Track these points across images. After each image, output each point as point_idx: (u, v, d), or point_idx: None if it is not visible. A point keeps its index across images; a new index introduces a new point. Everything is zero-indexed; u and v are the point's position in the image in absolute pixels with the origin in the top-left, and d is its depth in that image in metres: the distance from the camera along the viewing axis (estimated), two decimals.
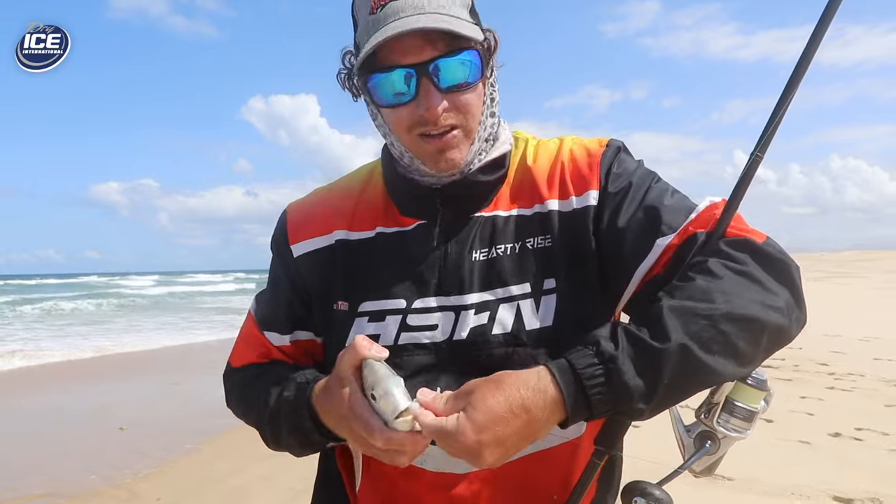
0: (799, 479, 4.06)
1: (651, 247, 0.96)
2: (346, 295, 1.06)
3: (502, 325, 0.98)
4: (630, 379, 0.81)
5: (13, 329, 16.42)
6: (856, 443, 4.90)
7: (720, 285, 0.86)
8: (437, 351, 1.00)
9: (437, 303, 1.01)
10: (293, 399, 0.98)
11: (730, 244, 0.92)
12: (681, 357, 0.82)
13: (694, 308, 0.84)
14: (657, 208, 0.98)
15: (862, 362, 8.15)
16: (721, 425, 0.95)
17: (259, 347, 1.12)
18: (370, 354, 0.87)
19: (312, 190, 1.20)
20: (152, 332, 15.22)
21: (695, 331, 0.82)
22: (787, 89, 0.97)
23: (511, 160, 1.09)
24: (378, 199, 1.11)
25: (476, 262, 1.02)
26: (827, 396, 6.36)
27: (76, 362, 10.49)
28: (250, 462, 4.70)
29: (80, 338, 13.84)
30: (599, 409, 0.82)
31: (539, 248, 1.02)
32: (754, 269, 0.89)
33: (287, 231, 1.13)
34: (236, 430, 5.47)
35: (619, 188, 1.01)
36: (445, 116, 0.96)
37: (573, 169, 1.05)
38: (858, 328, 11.14)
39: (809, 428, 5.24)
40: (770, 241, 0.94)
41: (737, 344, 0.84)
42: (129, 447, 5.38)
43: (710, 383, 0.88)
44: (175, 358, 11.14)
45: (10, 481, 4.56)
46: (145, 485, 4.46)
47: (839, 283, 26.21)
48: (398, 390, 0.83)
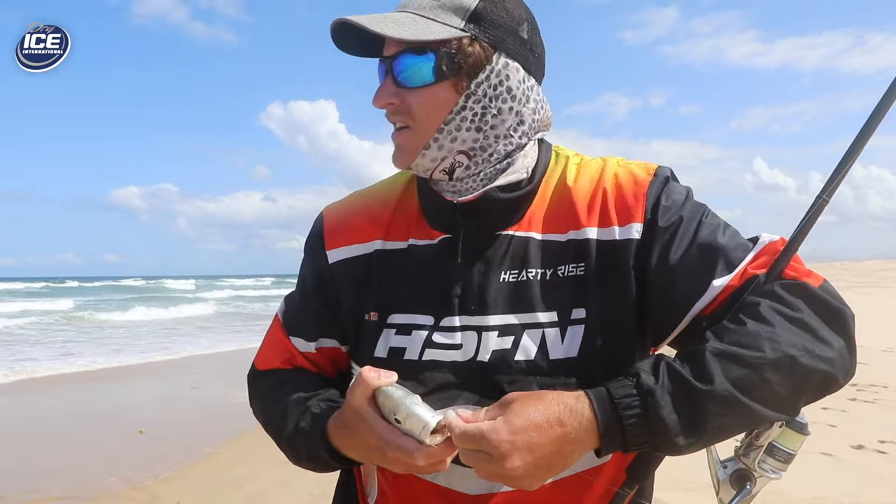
0: (822, 492, 4.01)
1: (707, 287, 0.93)
2: (377, 306, 1.04)
3: (525, 352, 0.96)
4: (667, 414, 0.80)
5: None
6: (880, 455, 4.82)
7: (770, 332, 0.84)
8: (459, 371, 0.97)
9: (460, 322, 0.98)
10: (308, 430, 0.98)
11: (785, 287, 0.89)
12: (721, 400, 0.81)
13: (740, 355, 0.82)
14: (713, 246, 0.94)
15: (885, 373, 8.01)
16: (760, 466, 0.95)
17: (284, 353, 1.11)
18: (381, 383, 0.87)
19: (350, 193, 1.18)
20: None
21: (737, 377, 0.81)
22: (860, 135, 0.96)
23: (548, 177, 1.05)
24: (413, 210, 1.08)
25: (504, 282, 0.99)
26: (850, 408, 6.26)
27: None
28: (267, 467, 4.72)
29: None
30: (634, 441, 0.82)
31: (570, 277, 0.98)
32: (808, 316, 0.86)
33: (324, 235, 1.10)
34: (253, 435, 5.50)
35: (669, 222, 0.96)
36: (395, 113, 0.98)
37: (617, 196, 1.00)
38: (882, 339, 10.95)
39: (832, 440, 5.16)
40: (826, 285, 0.91)
41: (780, 392, 0.83)
42: (149, 450, 5.43)
43: (749, 427, 0.88)
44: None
45: (30, 483, 4.62)
46: (165, 488, 4.50)
47: (862, 292, 25.81)
48: (421, 409, 0.83)
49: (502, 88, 0.97)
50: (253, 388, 1.16)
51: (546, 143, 1.08)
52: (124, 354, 11.55)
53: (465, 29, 0.95)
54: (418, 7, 0.96)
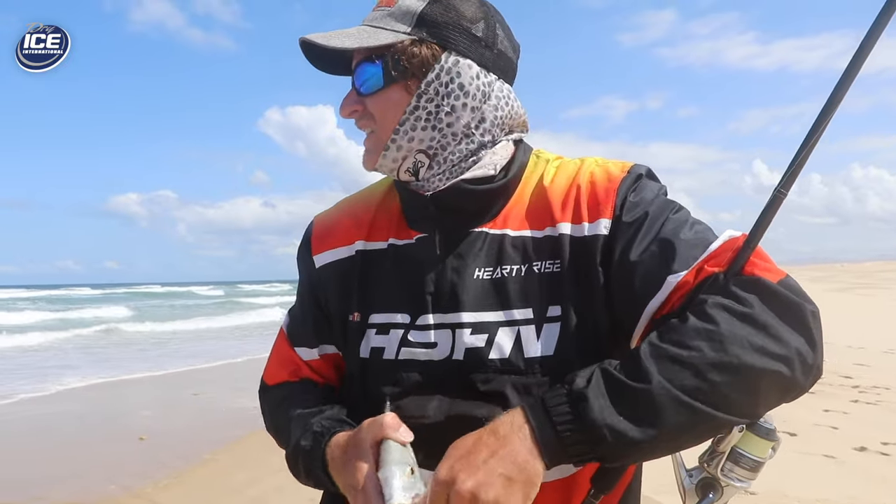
0: (825, 494, 3.99)
1: (662, 283, 0.90)
2: (359, 306, 1.05)
3: (500, 350, 0.95)
4: (598, 415, 0.77)
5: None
6: (882, 458, 4.80)
7: (712, 330, 0.80)
8: (433, 370, 0.97)
9: (434, 320, 0.98)
10: (310, 450, 0.97)
11: (739, 283, 0.86)
12: (661, 401, 0.78)
13: (676, 355, 0.80)
14: (672, 242, 0.92)
15: (887, 375, 8.00)
16: (725, 474, 0.90)
17: (290, 365, 1.13)
18: (393, 436, 0.86)
19: (340, 200, 1.20)
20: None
21: (678, 378, 0.78)
22: (813, 129, 0.91)
23: (526, 178, 1.05)
24: (393, 210, 1.09)
25: (478, 279, 0.99)
26: (851, 410, 6.24)
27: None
28: (267, 472, 4.71)
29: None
30: (573, 448, 0.79)
31: (546, 273, 0.97)
32: (760, 313, 0.82)
33: (311, 242, 1.14)
34: (252, 441, 5.50)
35: (633, 218, 0.95)
36: (360, 119, 1.03)
37: (590, 193, 0.99)
38: (883, 340, 10.94)
39: (834, 442, 5.15)
40: (787, 280, 0.87)
41: (728, 394, 0.79)
42: (148, 457, 5.42)
43: (703, 431, 0.82)
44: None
45: (31, 490, 4.60)
46: (165, 495, 4.48)
47: (862, 294, 25.79)
48: (398, 482, 0.81)
49: (454, 86, 0.98)
50: (264, 404, 1.16)
51: (525, 145, 1.08)
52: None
53: (411, 33, 0.98)
54: (371, 19, 1.01)
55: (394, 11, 0.99)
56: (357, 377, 1.04)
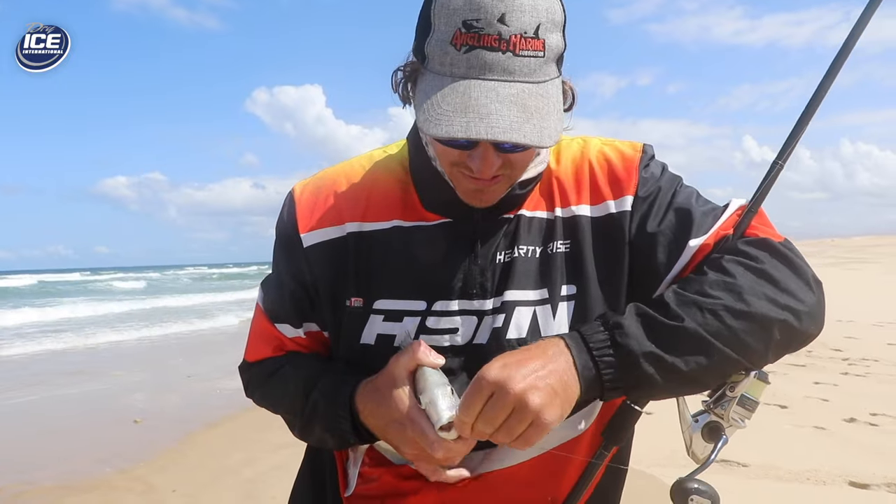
0: (815, 465, 4.04)
1: (684, 248, 0.96)
2: (359, 291, 1.00)
3: (518, 330, 0.96)
4: (634, 341, 0.84)
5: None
6: (871, 428, 4.87)
7: (731, 281, 0.87)
8: (455, 354, 0.97)
9: (458, 306, 0.98)
10: (331, 402, 0.96)
11: (748, 243, 0.94)
12: (691, 337, 0.84)
13: (701, 302, 0.86)
14: (689, 210, 0.98)
15: (876, 347, 8.10)
16: (731, 416, 0.97)
17: (273, 341, 1.09)
18: (427, 361, 0.89)
19: (322, 170, 1.12)
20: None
21: (703, 321, 0.85)
22: (811, 103, 1.00)
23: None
24: (395, 189, 1.03)
25: (499, 263, 0.99)
26: (841, 382, 6.32)
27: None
28: (263, 452, 4.72)
29: None
30: (608, 374, 0.84)
31: (560, 253, 0.99)
32: (770, 267, 0.89)
33: (297, 218, 1.05)
34: (247, 421, 5.51)
35: (647, 193, 1.00)
36: (496, 170, 0.90)
37: (608, 172, 1.02)
38: (872, 313, 11.05)
39: (824, 413, 5.21)
40: (788, 242, 0.95)
41: (744, 339, 0.85)
42: (144, 438, 5.42)
43: (717, 373, 0.89)
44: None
45: (25, 474, 4.59)
46: (160, 476, 4.49)
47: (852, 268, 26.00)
48: (443, 402, 0.84)
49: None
50: (247, 378, 1.13)
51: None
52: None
53: (560, 74, 0.91)
54: (525, 70, 0.84)
55: (549, 57, 0.86)
56: (359, 364, 1.00)
